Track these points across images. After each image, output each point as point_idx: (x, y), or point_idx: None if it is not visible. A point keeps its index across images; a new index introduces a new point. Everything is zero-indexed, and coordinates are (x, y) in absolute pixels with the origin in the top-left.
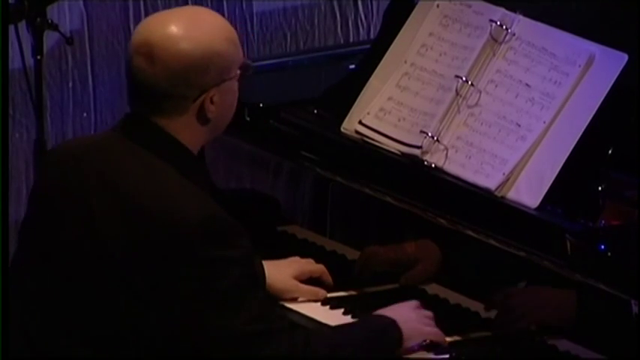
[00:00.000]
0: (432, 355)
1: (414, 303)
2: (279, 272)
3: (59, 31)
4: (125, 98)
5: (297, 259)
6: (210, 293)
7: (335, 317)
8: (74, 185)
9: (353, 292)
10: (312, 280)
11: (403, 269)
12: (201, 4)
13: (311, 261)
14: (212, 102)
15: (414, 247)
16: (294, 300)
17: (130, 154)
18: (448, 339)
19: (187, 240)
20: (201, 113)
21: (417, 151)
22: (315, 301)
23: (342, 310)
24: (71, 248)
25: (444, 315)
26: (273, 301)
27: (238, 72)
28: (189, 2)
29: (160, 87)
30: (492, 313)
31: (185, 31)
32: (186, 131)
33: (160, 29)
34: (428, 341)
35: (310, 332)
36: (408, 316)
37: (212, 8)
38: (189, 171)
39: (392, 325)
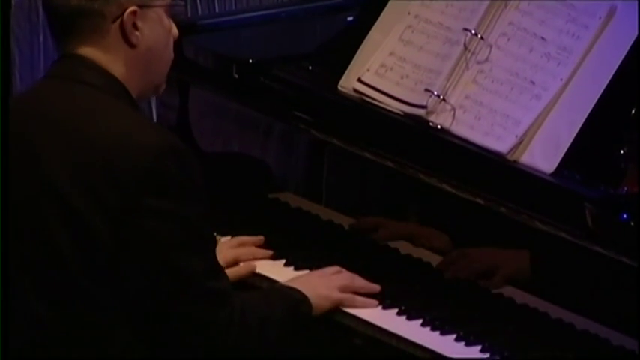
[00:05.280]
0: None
1: (328, 269)
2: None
3: None
4: None
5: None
6: (175, 229)
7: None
8: (16, 139)
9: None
10: None
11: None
12: None
13: (234, 248)
14: (136, 27)
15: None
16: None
17: (70, 92)
18: None
19: (150, 169)
20: (125, 37)
21: (421, 112)
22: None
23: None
24: (26, 201)
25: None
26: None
27: (166, 4)
28: None
29: (76, 1)
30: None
31: None
32: (117, 61)
33: None
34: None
35: (243, 300)
36: (317, 284)
37: None
38: (134, 105)
39: (303, 300)
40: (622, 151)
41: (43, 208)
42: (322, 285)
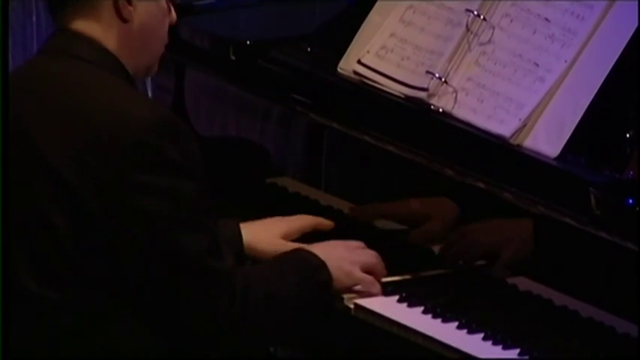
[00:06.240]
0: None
1: (354, 243)
2: (264, 231)
3: None
4: None
5: (281, 217)
6: (168, 206)
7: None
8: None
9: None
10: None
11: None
12: None
13: (301, 216)
14: (129, 2)
15: (424, 203)
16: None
17: (63, 68)
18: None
19: (140, 142)
20: (118, 12)
21: (422, 94)
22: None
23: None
24: (20, 178)
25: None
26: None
27: None
28: None
29: None
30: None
31: None
32: (111, 36)
33: None
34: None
35: (249, 275)
36: (340, 257)
37: None
38: (129, 81)
39: (321, 267)
40: (627, 135)
41: (36, 184)
42: (346, 259)
